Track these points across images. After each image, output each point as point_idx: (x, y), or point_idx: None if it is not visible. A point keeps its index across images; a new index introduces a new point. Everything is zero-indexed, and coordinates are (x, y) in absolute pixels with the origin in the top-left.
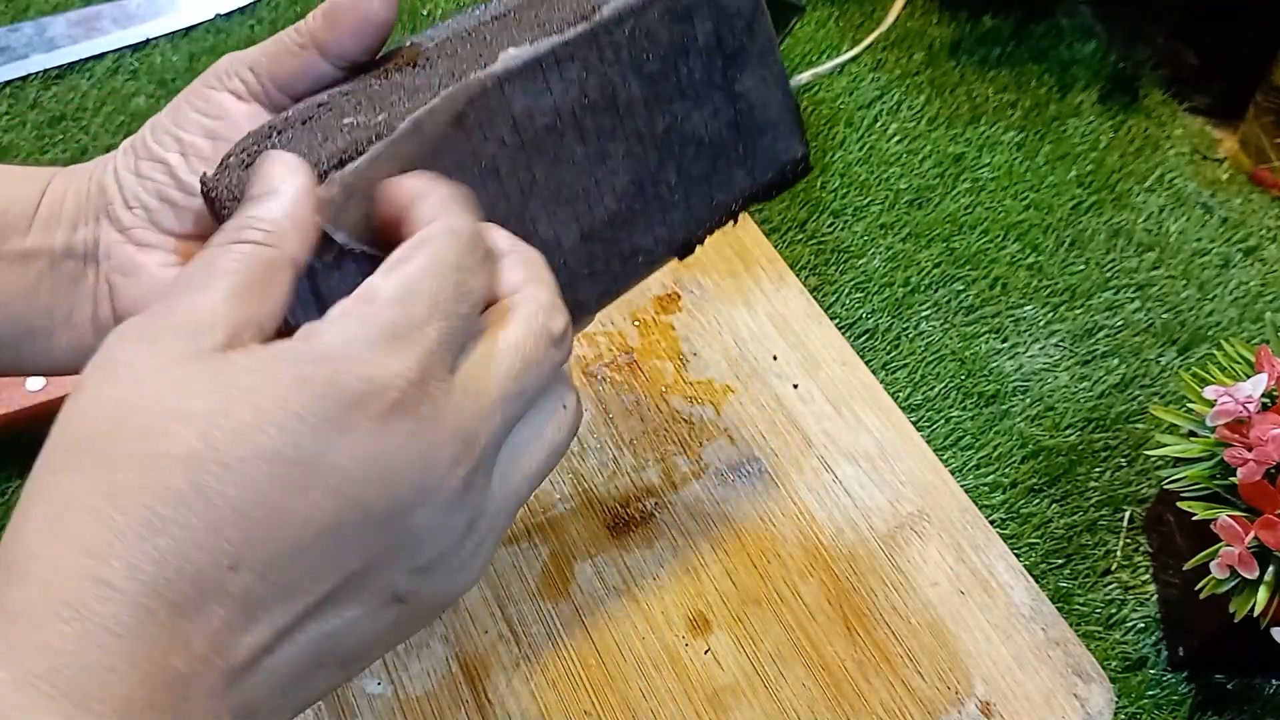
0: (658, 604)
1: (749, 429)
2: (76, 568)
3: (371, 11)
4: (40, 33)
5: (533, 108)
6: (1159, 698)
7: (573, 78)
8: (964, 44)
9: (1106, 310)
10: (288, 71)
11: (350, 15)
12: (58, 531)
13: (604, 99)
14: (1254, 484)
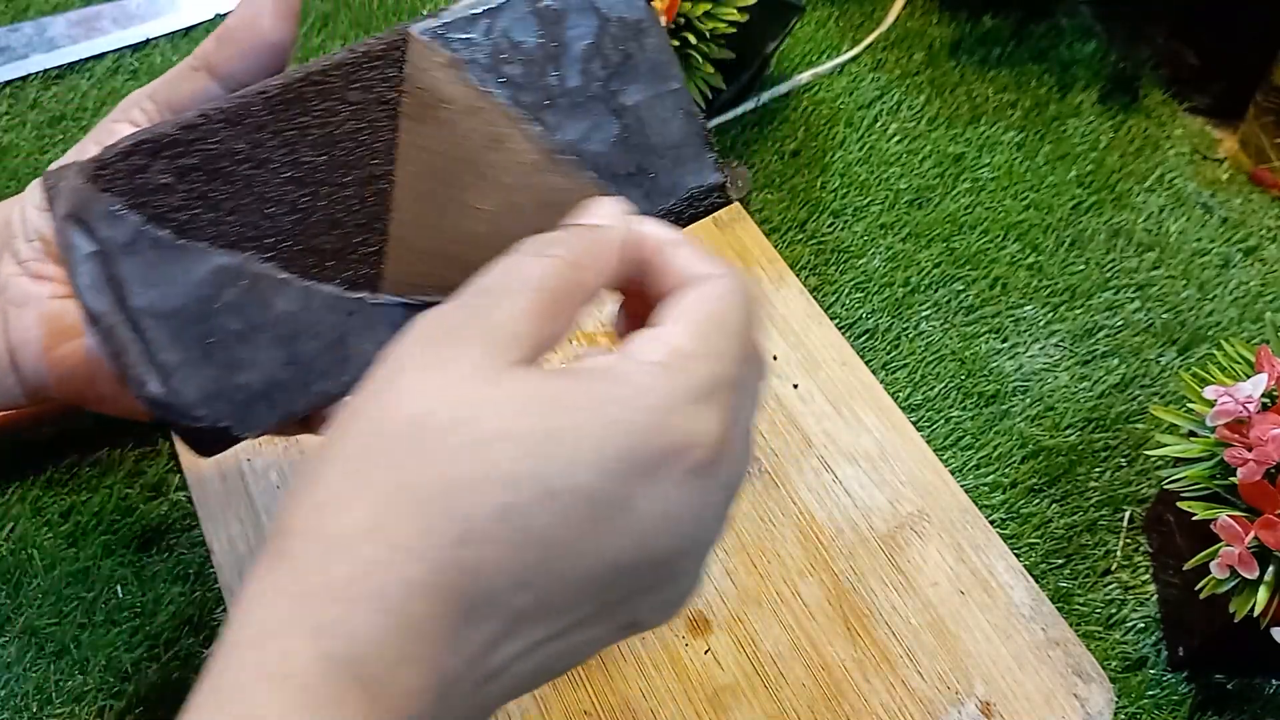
0: None
1: None
2: (390, 563)
3: (261, 34)
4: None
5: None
6: (1159, 698)
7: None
8: (964, 44)
9: (1106, 310)
10: (182, 97)
11: (241, 37)
12: (377, 522)
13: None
14: (1254, 484)
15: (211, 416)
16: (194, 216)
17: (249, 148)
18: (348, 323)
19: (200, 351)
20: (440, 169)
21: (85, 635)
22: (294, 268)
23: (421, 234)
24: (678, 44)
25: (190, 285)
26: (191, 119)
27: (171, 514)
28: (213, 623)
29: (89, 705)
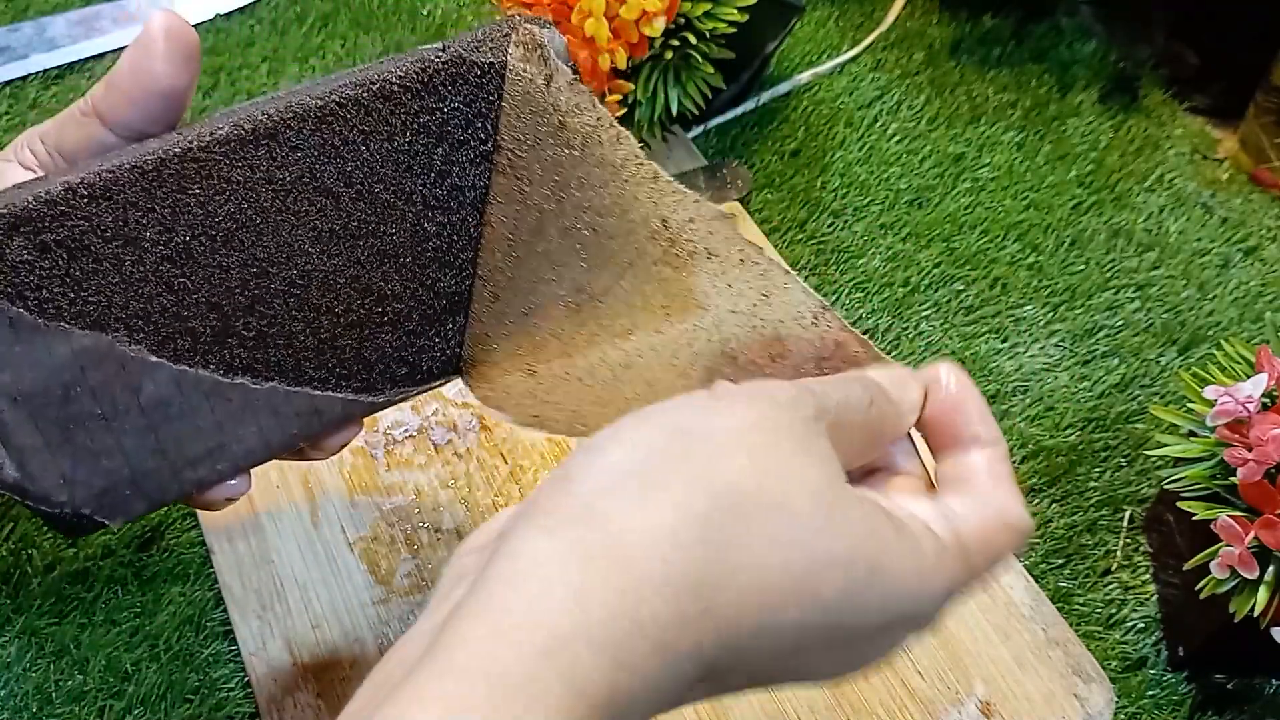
0: None
1: None
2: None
3: (154, 80)
4: (40, 33)
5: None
6: (1159, 698)
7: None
8: (964, 44)
9: (1106, 310)
10: (72, 141)
11: (129, 82)
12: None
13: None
14: (1254, 484)
15: (73, 503)
16: (55, 296)
17: (117, 224)
18: (224, 409)
19: (60, 436)
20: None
21: (85, 635)
22: (166, 351)
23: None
24: (678, 44)
25: (51, 368)
26: (56, 193)
27: (171, 514)
28: (212, 623)
29: (89, 705)
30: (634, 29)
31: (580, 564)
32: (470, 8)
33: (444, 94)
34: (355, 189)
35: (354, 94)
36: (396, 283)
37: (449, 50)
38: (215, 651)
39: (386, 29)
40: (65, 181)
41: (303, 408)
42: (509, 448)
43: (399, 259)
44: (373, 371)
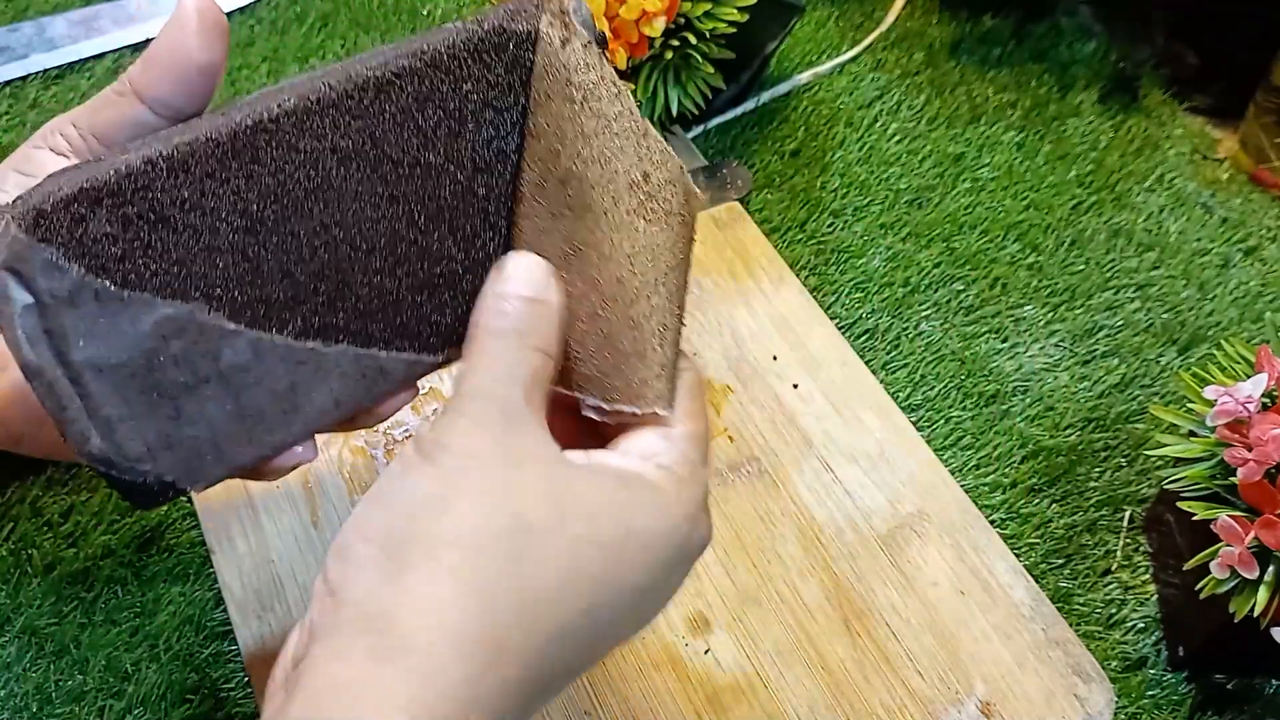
0: None
1: (749, 429)
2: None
3: (189, 56)
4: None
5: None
6: (1159, 698)
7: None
8: (964, 44)
9: (1106, 310)
10: (106, 121)
11: (167, 59)
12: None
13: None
14: (1254, 484)
15: (156, 471)
16: (138, 267)
17: (195, 196)
18: (297, 372)
19: (145, 405)
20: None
21: (85, 635)
22: (243, 317)
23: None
24: (678, 44)
25: (134, 338)
26: (136, 165)
27: (171, 514)
28: (212, 623)
29: (89, 705)
30: (634, 29)
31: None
32: (470, 7)
33: (489, 61)
34: (412, 155)
35: (409, 63)
36: (451, 244)
37: (488, 21)
38: (215, 651)
39: (386, 29)
40: (144, 155)
41: (370, 368)
42: None
43: (453, 221)
44: (435, 331)
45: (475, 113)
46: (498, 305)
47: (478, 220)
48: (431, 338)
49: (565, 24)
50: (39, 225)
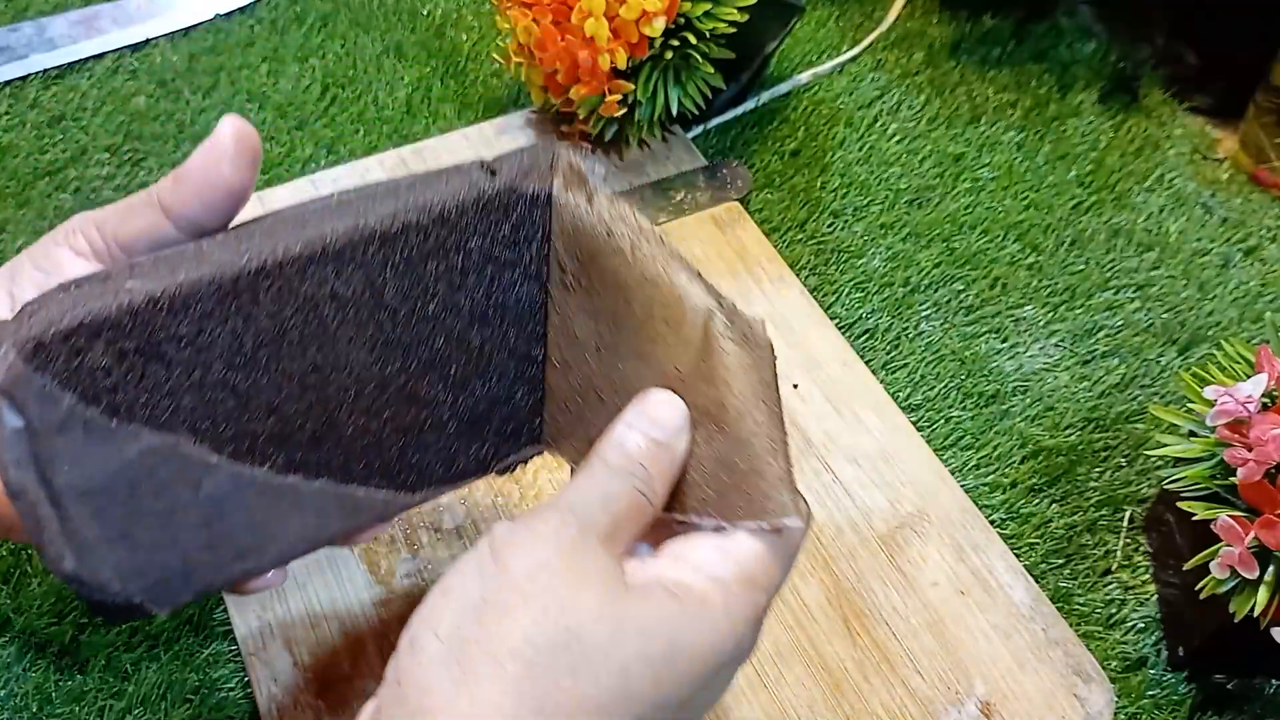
0: None
1: None
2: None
3: (221, 179)
4: (40, 32)
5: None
6: (1159, 698)
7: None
8: (964, 44)
9: (1106, 310)
10: (131, 231)
11: (199, 179)
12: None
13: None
14: (1254, 484)
15: (125, 594)
16: (129, 398)
17: (192, 333)
18: (275, 505)
19: (120, 530)
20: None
21: (85, 635)
22: (226, 450)
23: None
24: (678, 44)
25: (119, 465)
26: (138, 302)
27: None
28: (212, 623)
29: (89, 705)
30: (634, 29)
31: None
32: (470, 7)
33: (496, 219)
34: (411, 303)
35: (417, 218)
36: (441, 389)
37: (499, 177)
38: (215, 651)
39: (386, 29)
40: (148, 291)
41: (346, 504)
42: None
43: (445, 368)
44: (413, 471)
45: (477, 268)
46: (623, 436)
47: (470, 369)
48: (410, 478)
49: (581, 183)
50: (37, 354)
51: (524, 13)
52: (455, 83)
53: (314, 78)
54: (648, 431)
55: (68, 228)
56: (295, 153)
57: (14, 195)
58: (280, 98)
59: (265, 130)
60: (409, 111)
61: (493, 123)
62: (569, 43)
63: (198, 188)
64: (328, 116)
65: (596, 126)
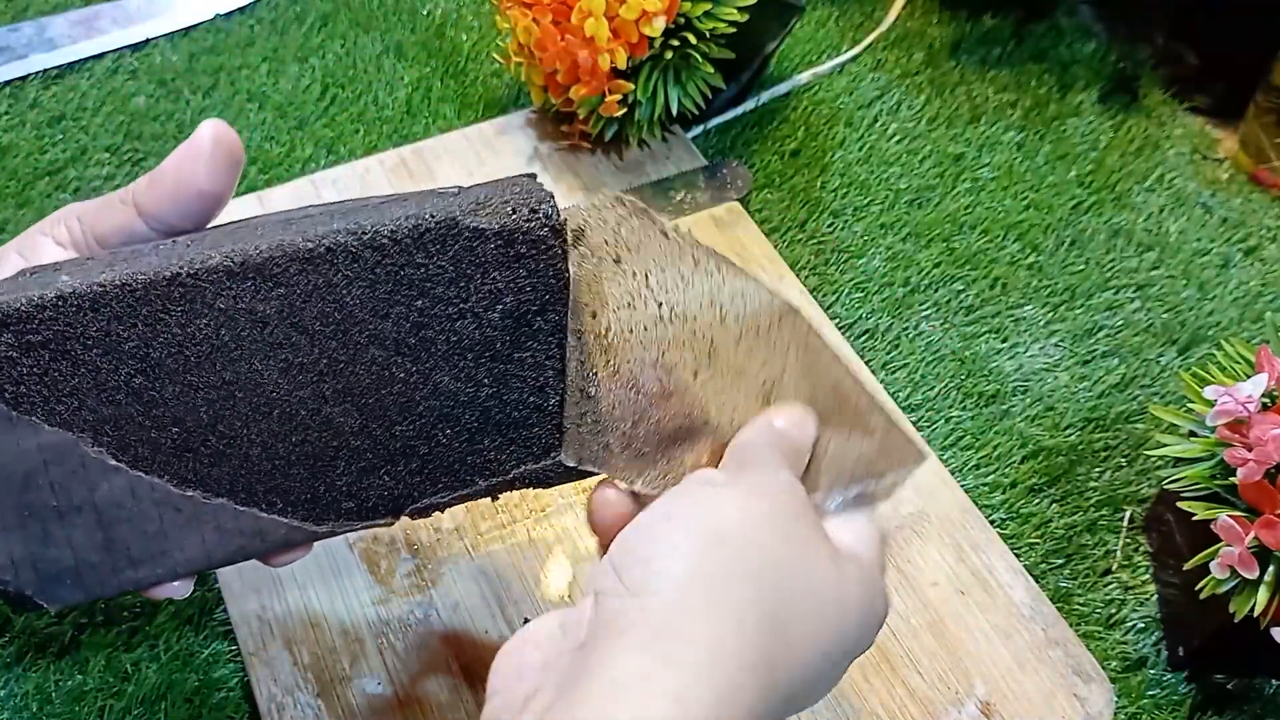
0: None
1: None
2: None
3: (194, 182)
4: (40, 32)
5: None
6: (1159, 698)
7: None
8: (964, 44)
9: (1106, 310)
10: (107, 227)
11: (172, 180)
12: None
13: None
14: (1254, 484)
15: (15, 583)
16: (31, 392)
17: (100, 335)
18: (172, 518)
19: (15, 521)
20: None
21: (85, 635)
22: (126, 456)
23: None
24: (678, 43)
25: (15, 456)
26: (49, 298)
27: None
28: (212, 623)
29: (89, 705)
30: (634, 29)
31: (674, 673)
32: (470, 7)
33: (431, 251)
34: (331, 329)
35: (344, 240)
36: (356, 420)
37: (444, 210)
38: (215, 651)
39: (386, 29)
40: (58, 289)
41: (247, 527)
42: None
43: (363, 399)
44: (320, 502)
45: (408, 299)
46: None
47: (389, 401)
48: (315, 508)
49: (648, 214)
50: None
51: (524, 13)
52: (455, 83)
53: (314, 78)
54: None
55: (54, 217)
56: (295, 153)
57: (14, 195)
58: (280, 98)
59: (265, 130)
60: (409, 111)
61: (493, 123)
62: (569, 43)
63: (171, 189)
64: (328, 116)
65: (596, 126)
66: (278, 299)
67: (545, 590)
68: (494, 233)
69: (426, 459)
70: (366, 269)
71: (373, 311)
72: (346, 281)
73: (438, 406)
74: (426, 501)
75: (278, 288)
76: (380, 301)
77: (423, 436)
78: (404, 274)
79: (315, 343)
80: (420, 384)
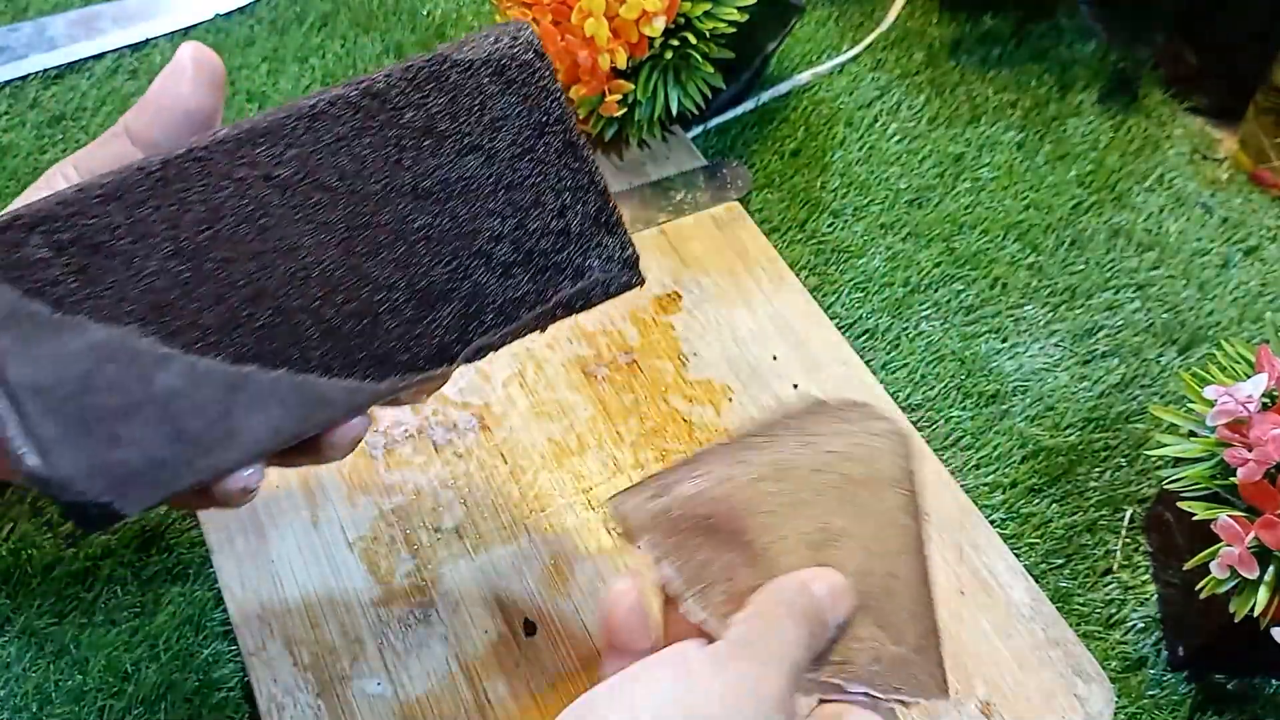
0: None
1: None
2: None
3: (180, 102)
4: (40, 32)
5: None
6: (1159, 698)
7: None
8: (964, 44)
9: (1106, 310)
10: (102, 161)
11: (158, 103)
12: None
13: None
14: (1254, 484)
15: (92, 492)
16: (71, 291)
17: (127, 222)
18: (233, 397)
19: (79, 427)
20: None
21: (85, 635)
22: (176, 342)
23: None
24: (678, 43)
25: (68, 360)
26: (69, 194)
27: (171, 514)
28: (212, 623)
29: (89, 705)
30: (634, 29)
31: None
32: (470, 7)
33: (427, 90)
34: (348, 182)
35: (343, 92)
36: (392, 272)
37: (435, 50)
38: (215, 651)
39: (386, 29)
40: (77, 185)
41: (309, 396)
42: (509, 448)
43: (394, 249)
44: (375, 359)
45: (415, 142)
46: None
47: (418, 248)
48: (371, 365)
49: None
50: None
51: (524, 13)
52: None
53: (314, 78)
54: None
55: (48, 173)
56: None
57: (14, 195)
58: (280, 98)
59: None
60: None
61: None
62: (569, 43)
63: (157, 110)
64: None
65: (596, 126)
66: (292, 160)
67: (545, 590)
68: (481, 61)
69: (468, 300)
70: (370, 116)
71: (386, 159)
72: (354, 133)
73: (466, 246)
74: (477, 343)
75: (290, 148)
76: (390, 148)
77: (459, 278)
78: (406, 116)
79: (337, 199)
80: (445, 226)
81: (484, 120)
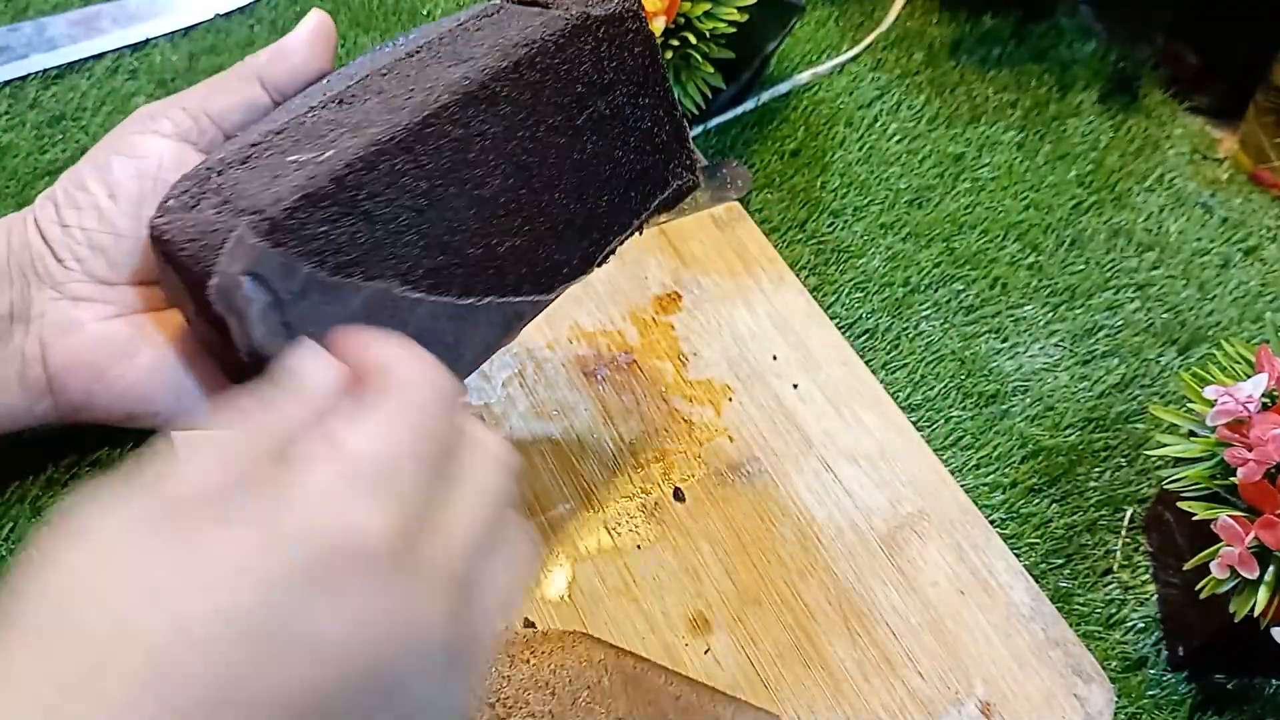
0: (658, 604)
1: (749, 429)
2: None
3: (316, 56)
4: (40, 32)
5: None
6: (1159, 698)
7: (499, 111)
8: (964, 44)
9: (1106, 310)
10: (225, 104)
11: (298, 57)
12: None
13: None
14: (1254, 484)
15: None
16: (347, 257)
17: (381, 188)
18: (460, 327)
19: None
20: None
21: None
22: (421, 287)
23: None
24: (677, 43)
25: (345, 317)
26: (339, 170)
27: None
28: None
29: None
30: None
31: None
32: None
33: (581, 45)
34: (530, 130)
35: (528, 53)
36: (562, 199)
37: (573, 9)
38: None
39: (386, 29)
40: (344, 159)
41: (509, 314)
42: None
43: (563, 181)
44: (547, 274)
45: (568, 87)
46: None
47: (582, 177)
48: (545, 279)
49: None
50: (273, 232)
51: None
52: None
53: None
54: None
55: (142, 116)
56: None
57: (14, 195)
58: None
59: None
60: None
61: None
62: None
63: (293, 63)
64: None
65: None
66: (502, 117)
67: (545, 590)
68: (613, 17)
69: (602, 218)
70: (551, 71)
71: (558, 106)
72: (536, 88)
73: (599, 174)
74: (608, 249)
75: (496, 106)
76: (559, 93)
77: (602, 199)
78: (562, 70)
79: (525, 145)
80: (590, 162)
81: (611, 66)
